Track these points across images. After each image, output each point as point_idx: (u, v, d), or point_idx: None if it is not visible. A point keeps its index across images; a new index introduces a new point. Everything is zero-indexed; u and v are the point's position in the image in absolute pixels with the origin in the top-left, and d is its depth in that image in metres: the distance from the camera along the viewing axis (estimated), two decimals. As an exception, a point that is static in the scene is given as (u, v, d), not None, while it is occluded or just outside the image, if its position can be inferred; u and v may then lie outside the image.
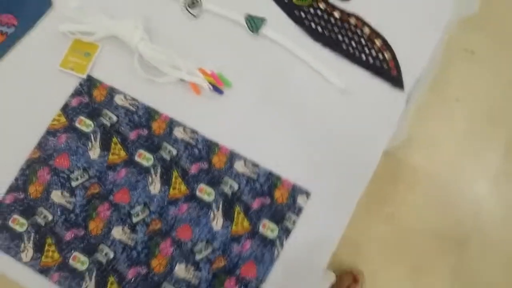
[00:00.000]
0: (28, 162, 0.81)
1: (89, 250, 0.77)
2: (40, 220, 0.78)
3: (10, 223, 0.78)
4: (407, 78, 0.82)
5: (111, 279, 0.76)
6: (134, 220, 0.78)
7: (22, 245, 0.77)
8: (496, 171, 1.58)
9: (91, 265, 0.76)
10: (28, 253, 0.77)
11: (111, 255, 0.76)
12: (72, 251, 0.77)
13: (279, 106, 0.83)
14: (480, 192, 1.58)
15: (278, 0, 0.89)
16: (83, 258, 0.76)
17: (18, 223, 0.78)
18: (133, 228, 0.77)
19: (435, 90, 1.57)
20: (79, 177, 0.80)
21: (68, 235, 0.77)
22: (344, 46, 0.84)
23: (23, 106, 0.86)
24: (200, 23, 0.89)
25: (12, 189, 0.80)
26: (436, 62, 0.89)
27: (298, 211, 0.77)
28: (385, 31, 0.85)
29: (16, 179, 0.80)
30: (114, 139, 0.81)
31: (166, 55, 0.83)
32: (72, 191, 0.79)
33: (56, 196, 0.79)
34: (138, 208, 0.78)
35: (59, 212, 0.78)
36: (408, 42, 0.84)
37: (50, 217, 0.78)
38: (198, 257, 0.76)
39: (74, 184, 0.79)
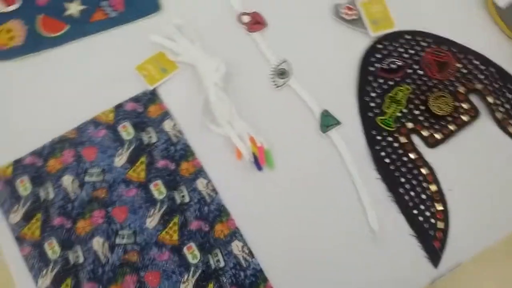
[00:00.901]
0: (62, 138, 0.84)
1: (66, 244, 0.78)
2: (42, 194, 0.80)
3: (18, 183, 0.81)
4: (448, 259, 0.78)
5: (68, 281, 0.76)
6: (117, 241, 0.78)
7: (16, 206, 0.80)
8: None
9: (59, 258, 0.77)
10: (17, 216, 0.79)
11: (81, 260, 0.77)
12: (52, 237, 0.78)
13: (304, 212, 0.81)
14: None
15: (363, 110, 0.87)
16: (57, 248, 0.77)
17: (24, 186, 0.81)
18: (112, 247, 0.78)
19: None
20: (94, 175, 0.81)
21: (57, 221, 0.79)
22: (401, 190, 0.81)
23: (85, 85, 0.89)
24: (277, 94, 0.89)
25: (35, 153, 0.83)
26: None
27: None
28: (451, 199, 0.81)
29: (43, 147, 0.83)
30: (142, 158, 0.83)
31: (228, 110, 0.84)
32: (82, 184, 0.81)
33: (67, 180, 0.81)
34: (126, 231, 0.78)
35: (61, 196, 0.80)
36: (470, 225, 0.80)
37: (51, 196, 0.80)
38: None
39: (87, 178, 0.81)
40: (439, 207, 0.80)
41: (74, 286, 0.76)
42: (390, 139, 0.85)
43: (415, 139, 0.85)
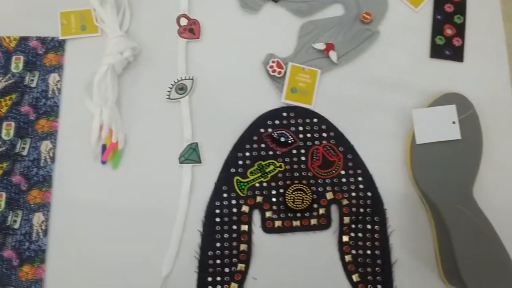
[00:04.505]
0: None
1: None
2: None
3: None
4: None
5: None
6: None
7: None
8: None
9: None
10: None
11: None
12: None
13: (118, 225, 0.88)
14: None
15: (229, 162, 0.90)
16: None
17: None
18: None
19: None
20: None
21: None
22: (210, 253, 0.87)
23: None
24: (165, 105, 0.93)
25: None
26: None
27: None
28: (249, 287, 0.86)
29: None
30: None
31: (106, 95, 0.89)
32: None
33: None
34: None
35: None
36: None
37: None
38: None
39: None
40: (233, 287, 0.84)
41: None
42: (233, 202, 0.88)
43: (257, 215, 0.88)
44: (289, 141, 0.90)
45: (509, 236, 0.81)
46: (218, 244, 0.86)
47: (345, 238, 0.87)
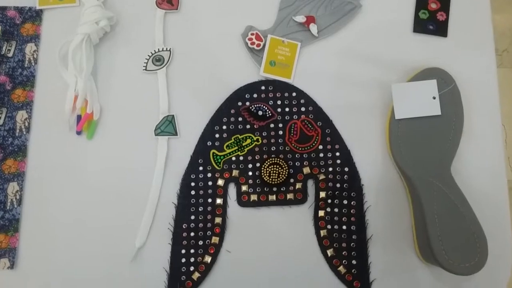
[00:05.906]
0: None
1: None
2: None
3: None
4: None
5: None
6: None
7: None
8: None
9: None
10: None
11: None
12: None
13: (93, 196, 0.88)
14: None
15: (205, 135, 0.90)
16: None
17: None
18: None
19: None
20: None
21: None
22: (184, 226, 0.86)
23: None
24: (141, 77, 0.93)
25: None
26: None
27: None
28: (223, 259, 0.86)
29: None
30: None
31: (81, 64, 0.88)
32: None
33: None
34: None
35: None
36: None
37: None
38: None
39: None
40: (207, 260, 0.85)
41: None
42: (209, 175, 0.88)
43: (232, 188, 0.88)
44: (267, 115, 0.89)
45: (486, 213, 0.82)
46: (192, 217, 0.86)
47: (321, 213, 0.87)
